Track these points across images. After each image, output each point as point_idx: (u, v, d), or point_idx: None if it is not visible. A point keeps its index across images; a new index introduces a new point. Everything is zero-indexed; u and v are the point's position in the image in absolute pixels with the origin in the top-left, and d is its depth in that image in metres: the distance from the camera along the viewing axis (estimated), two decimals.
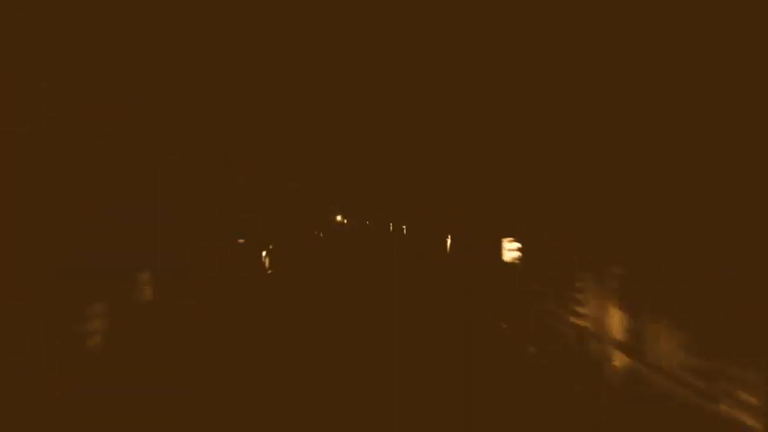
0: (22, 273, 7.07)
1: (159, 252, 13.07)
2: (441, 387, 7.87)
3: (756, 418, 5.14)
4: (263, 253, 23.45)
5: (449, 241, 20.62)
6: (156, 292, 10.66)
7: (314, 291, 19.28)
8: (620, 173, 9.27)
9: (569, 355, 8.76)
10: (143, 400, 6.80)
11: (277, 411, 6.83)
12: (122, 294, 10.38)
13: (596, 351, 7.94)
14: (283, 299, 18.26)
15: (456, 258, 20.37)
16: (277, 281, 23.46)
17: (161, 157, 13.13)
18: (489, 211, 15.55)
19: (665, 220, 7.68)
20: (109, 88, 9.89)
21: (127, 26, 10.14)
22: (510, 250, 11.27)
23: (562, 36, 10.56)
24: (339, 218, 60.69)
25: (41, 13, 7.63)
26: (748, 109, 6.12)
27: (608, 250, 8.43)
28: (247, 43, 15.91)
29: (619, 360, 7.38)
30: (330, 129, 28.50)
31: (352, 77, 19.92)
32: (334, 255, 36.01)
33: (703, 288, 6.23)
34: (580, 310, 8.89)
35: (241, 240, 19.98)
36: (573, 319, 9.04)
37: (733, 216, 6.46)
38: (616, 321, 7.68)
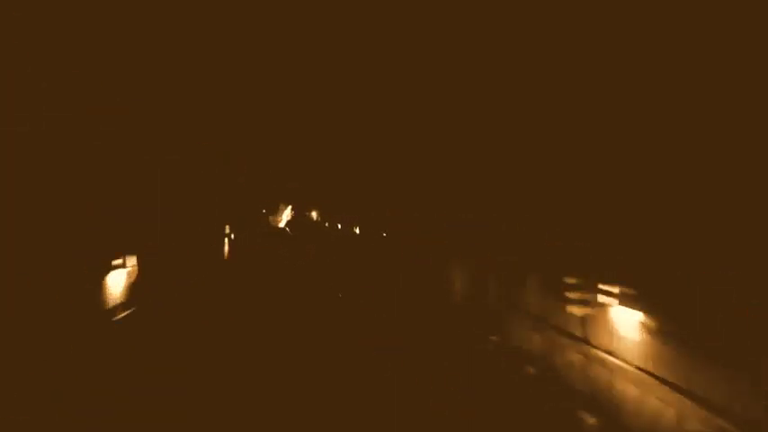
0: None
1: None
2: None
3: None
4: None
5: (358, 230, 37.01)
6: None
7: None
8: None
9: None
10: None
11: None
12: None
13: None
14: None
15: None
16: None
17: (161, 157, 13.12)
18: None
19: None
20: (109, 88, 9.89)
21: (127, 26, 10.14)
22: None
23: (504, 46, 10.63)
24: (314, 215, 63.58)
25: (41, 13, 7.64)
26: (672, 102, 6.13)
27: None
28: (247, 44, 15.91)
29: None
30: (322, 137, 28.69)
31: (345, 80, 19.95)
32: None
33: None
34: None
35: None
36: None
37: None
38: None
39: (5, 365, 6.10)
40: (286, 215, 61.05)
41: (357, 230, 38.12)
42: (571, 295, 8.46)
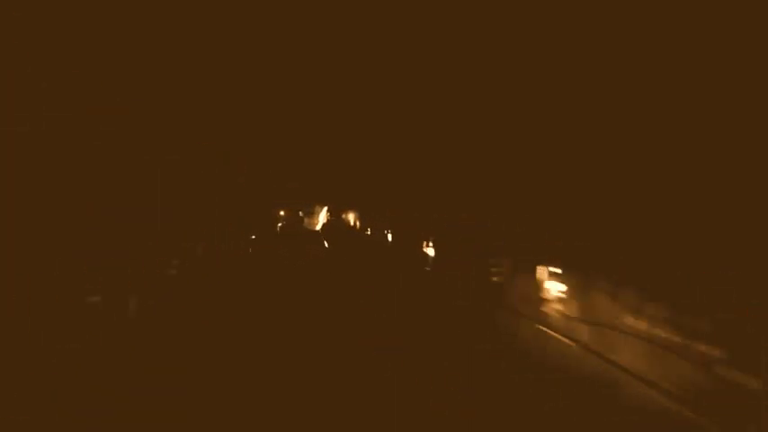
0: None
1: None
2: None
3: None
4: None
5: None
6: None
7: None
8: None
9: None
10: None
11: None
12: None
13: None
14: None
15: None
16: None
17: (161, 157, 13.12)
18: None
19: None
20: (109, 88, 9.89)
21: (127, 26, 10.15)
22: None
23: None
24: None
25: (41, 13, 7.63)
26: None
27: None
28: (247, 44, 15.91)
29: None
30: (325, 132, 28.37)
31: (346, 80, 19.92)
32: None
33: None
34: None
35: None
36: None
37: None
38: None
39: None
40: (322, 217, 55.37)
41: (431, 251, 20.51)
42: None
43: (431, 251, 20.20)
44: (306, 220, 52.13)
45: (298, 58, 18.10)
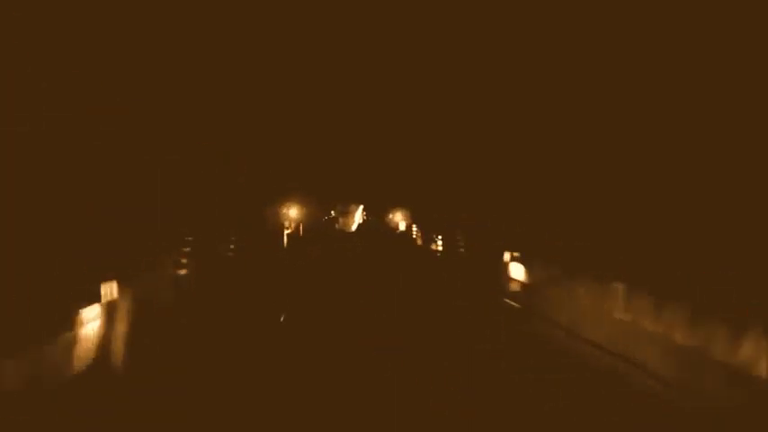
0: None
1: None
2: None
3: None
4: None
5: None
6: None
7: None
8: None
9: None
10: None
11: None
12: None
13: None
14: None
15: None
16: None
17: (161, 157, 13.12)
18: None
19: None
20: (109, 88, 9.89)
21: (127, 26, 10.15)
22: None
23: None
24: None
25: (41, 13, 7.64)
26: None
27: None
28: (247, 44, 15.90)
29: None
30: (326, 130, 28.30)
31: (346, 80, 19.87)
32: None
33: None
34: None
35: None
36: None
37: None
38: None
39: None
40: (358, 217, 47.70)
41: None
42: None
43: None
44: (341, 219, 45.16)
45: (303, 57, 18.07)
